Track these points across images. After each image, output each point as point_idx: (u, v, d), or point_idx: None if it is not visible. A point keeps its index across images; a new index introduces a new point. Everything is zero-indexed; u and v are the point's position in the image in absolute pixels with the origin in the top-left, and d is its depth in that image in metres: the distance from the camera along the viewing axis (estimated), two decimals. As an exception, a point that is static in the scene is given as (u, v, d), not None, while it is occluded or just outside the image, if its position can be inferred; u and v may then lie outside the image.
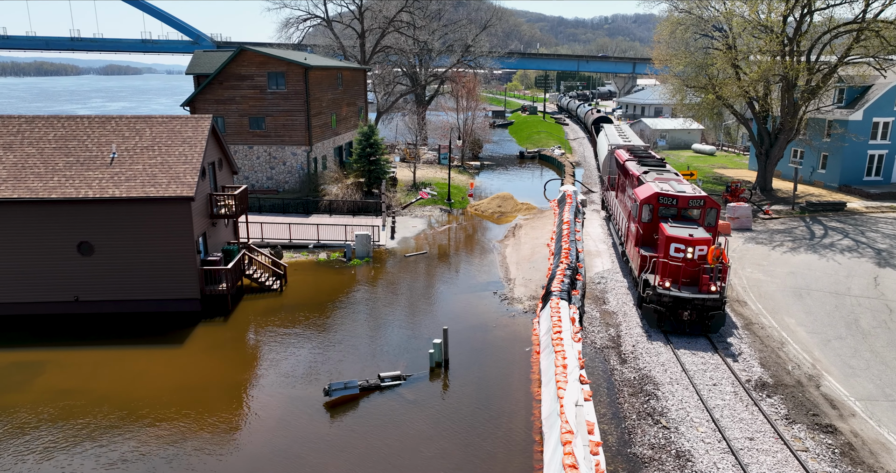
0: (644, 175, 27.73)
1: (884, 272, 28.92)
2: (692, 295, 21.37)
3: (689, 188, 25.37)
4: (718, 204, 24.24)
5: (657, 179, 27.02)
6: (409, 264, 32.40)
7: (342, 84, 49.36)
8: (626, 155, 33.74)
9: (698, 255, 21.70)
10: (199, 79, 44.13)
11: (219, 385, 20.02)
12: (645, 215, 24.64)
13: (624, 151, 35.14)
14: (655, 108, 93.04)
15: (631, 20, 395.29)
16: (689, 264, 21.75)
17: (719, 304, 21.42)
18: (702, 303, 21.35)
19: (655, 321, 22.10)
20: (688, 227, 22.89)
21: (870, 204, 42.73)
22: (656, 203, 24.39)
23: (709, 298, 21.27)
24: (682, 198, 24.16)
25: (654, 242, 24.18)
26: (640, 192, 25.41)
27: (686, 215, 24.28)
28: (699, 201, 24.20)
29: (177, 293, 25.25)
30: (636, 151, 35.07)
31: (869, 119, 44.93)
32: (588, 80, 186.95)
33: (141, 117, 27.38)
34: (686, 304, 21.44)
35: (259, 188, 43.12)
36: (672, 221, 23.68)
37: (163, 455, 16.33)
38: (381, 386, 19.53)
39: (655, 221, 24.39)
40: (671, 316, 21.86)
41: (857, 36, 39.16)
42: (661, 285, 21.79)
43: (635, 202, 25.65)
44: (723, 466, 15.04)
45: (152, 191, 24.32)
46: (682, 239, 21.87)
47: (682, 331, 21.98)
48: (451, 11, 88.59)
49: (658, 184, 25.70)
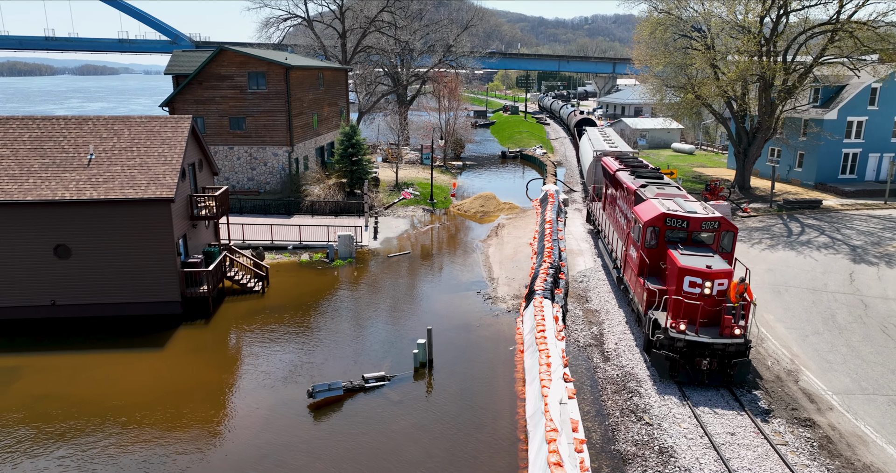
0: (642, 190, 24.16)
1: (859, 269, 29.47)
2: (712, 340, 18.03)
3: (698, 207, 21.93)
4: (735, 226, 20.99)
5: (659, 195, 23.40)
6: (393, 264, 32.34)
7: (323, 84, 49.11)
8: (615, 164, 30.69)
9: (717, 290, 18.47)
10: (179, 79, 43.62)
11: (200, 388, 19.81)
12: (649, 239, 21.07)
13: (612, 160, 32.34)
14: (635, 107, 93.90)
15: (611, 21, 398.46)
16: (708, 301, 18.48)
17: (744, 349, 18.18)
18: (723, 349, 18.06)
19: (667, 370, 18.64)
20: (702, 255, 19.50)
21: (845, 202, 43.54)
22: (663, 226, 20.82)
23: (732, 342, 17.97)
24: (694, 220, 20.55)
25: (661, 271, 20.81)
26: (643, 212, 21.96)
27: (697, 239, 20.68)
28: (713, 224, 20.57)
29: (157, 296, 24.93)
30: (626, 160, 32.04)
31: (843, 118, 45.79)
32: (569, 80, 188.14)
33: (119, 118, 27.00)
34: (705, 350, 18.14)
35: (240, 189, 42.75)
36: (682, 247, 20.17)
37: (143, 459, 16.12)
38: (365, 387, 19.47)
39: (662, 246, 20.84)
40: (686, 365, 18.47)
41: (831, 37, 39.90)
42: (674, 327, 18.34)
43: (636, 223, 22.19)
44: (705, 461, 15.22)
45: (131, 193, 23.99)
46: (698, 271, 18.50)
47: (699, 382, 18.48)
48: (433, 11, 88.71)
49: (662, 202, 22.17)
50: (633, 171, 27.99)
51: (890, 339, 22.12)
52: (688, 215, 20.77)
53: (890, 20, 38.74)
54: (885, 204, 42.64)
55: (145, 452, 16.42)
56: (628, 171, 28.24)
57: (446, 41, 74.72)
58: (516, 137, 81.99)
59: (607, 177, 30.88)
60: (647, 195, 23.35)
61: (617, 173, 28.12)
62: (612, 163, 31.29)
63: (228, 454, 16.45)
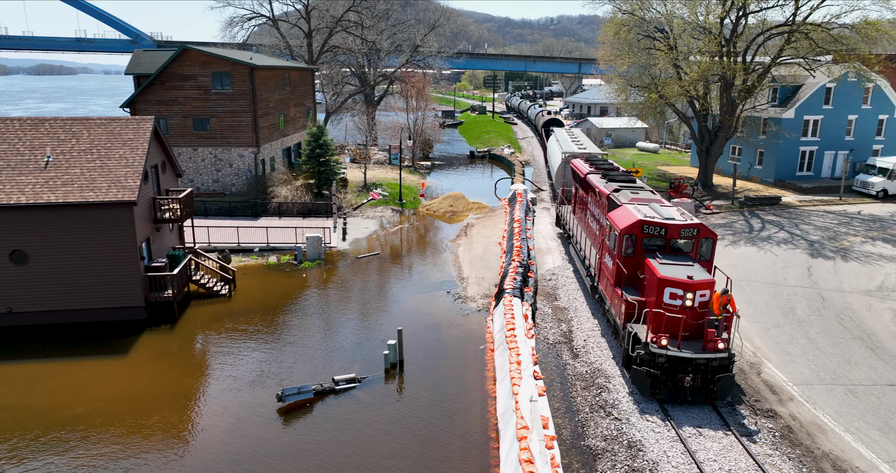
0: (616, 194, 23.10)
1: (816, 263, 30.40)
2: (695, 355, 17.10)
3: (675, 213, 20.93)
4: (714, 233, 20.12)
5: (634, 200, 22.46)
6: (362, 265, 32.18)
7: (290, 84, 48.58)
8: (585, 167, 29.54)
9: (700, 302, 17.60)
10: (140, 79, 42.65)
11: (166, 395, 19.41)
12: (626, 247, 20.13)
13: (582, 162, 31.22)
14: (601, 107, 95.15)
15: (576, 21, 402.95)
16: (690, 314, 17.54)
17: (728, 364, 17.32)
18: (706, 364, 17.25)
19: (648, 387, 17.65)
20: (682, 264, 18.60)
21: (802, 198, 44.86)
22: (640, 233, 19.88)
23: (715, 357, 17.12)
24: (673, 227, 19.64)
25: (640, 281, 19.90)
26: (618, 218, 20.94)
27: (675, 246, 19.90)
28: (692, 231, 19.68)
29: (120, 302, 24.35)
30: (596, 162, 31.05)
31: (800, 117, 47.16)
32: (535, 80, 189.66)
33: (78, 119, 26.28)
34: (687, 365, 17.27)
35: (205, 191, 42.01)
36: (661, 255, 19.24)
37: (108, 470, 15.72)
38: (335, 389, 19.33)
39: (639, 255, 19.98)
40: (668, 381, 17.62)
41: (788, 38, 41.10)
42: (655, 341, 17.39)
43: (612, 231, 21.22)
44: (672, 453, 15.52)
45: (91, 196, 23.38)
46: (679, 282, 17.59)
47: (682, 400, 17.65)
48: (399, 11, 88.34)
49: (638, 208, 21.24)
50: (605, 174, 26.98)
51: (846, 330, 22.88)
52: (666, 221, 19.83)
53: (842, 22, 40.05)
54: (840, 200, 44.07)
55: (108, 463, 16.00)
56: (599, 174, 27.31)
57: (413, 41, 74.58)
58: (484, 137, 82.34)
59: (577, 180, 30.09)
60: (622, 200, 22.35)
61: (588, 177, 27.17)
62: (581, 165, 30.34)
63: (195, 462, 16.14)
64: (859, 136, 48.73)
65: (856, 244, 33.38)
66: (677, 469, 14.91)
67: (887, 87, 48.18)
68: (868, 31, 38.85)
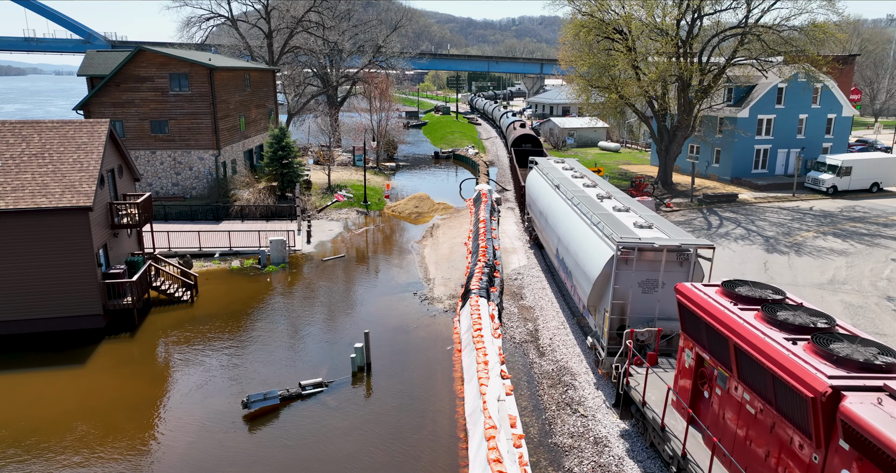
0: None
1: (771, 258, 31.37)
2: None
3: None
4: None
5: None
6: (327, 268, 31.90)
7: (250, 85, 47.87)
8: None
9: None
10: (94, 81, 41.47)
11: (127, 405, 18.92)
12: None
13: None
14: (563, 107, 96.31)
15: (537, 22, 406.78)
16: None
17: None
18: None
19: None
20: None
21: (758, 195, 46.24)
22: None
23: None
24: None
25: None
26: None
27: None
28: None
29: (77, 310, 23.64)
30: None
31: (755, 116, 48.62)
32: (498, 80, 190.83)
33: (27, 122, 25.42)
34: None
35: (164, 195, 41.09)
36: None
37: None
38: (302, 394, 19.14)
39: None
40: None
41: (741, 39, 42.32)
42: None
43: None
44: (636, 449, 15.81)
45: (44, 202, 22.64)
46: None
47: None
48: (361, 12, 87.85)
49: None
50: None
51: (801, 323, 23.63)
52: None
53: (792, 25, 41.46)
54: (793, 196, 45.58)
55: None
56: None
57: (376, 42, 74.28)
58: (449, 138, 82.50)
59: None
60: None
61: None
62: None
63: (158, 471, 15.78)
64: (810, 134, 50.49)
65: (808, 239, 34.56)
66: (643, 464, 15.22)
67: (835, 87, 50.05)
68: (816, 34, 40.30)
